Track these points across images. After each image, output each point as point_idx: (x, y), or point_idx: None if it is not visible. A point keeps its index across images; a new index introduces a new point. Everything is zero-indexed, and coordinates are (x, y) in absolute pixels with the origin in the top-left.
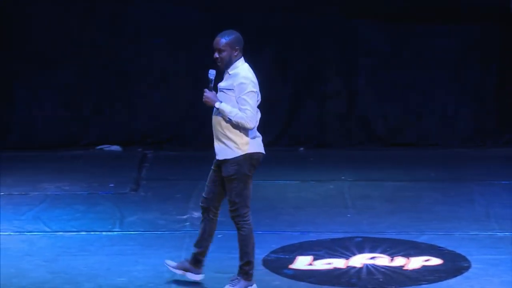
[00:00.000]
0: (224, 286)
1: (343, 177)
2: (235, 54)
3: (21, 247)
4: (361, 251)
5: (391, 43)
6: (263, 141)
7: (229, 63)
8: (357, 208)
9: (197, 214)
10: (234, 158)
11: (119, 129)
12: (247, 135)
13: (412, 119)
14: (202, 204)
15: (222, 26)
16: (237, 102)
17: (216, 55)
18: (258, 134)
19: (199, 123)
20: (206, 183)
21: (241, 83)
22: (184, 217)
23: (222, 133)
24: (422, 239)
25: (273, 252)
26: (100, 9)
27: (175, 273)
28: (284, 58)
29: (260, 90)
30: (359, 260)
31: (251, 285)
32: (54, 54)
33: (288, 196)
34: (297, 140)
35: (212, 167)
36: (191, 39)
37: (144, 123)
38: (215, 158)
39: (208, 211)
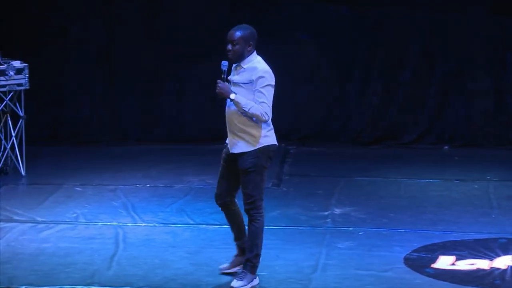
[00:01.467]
0: (231, 282)
1: (488, 177)
2: (249, 48)
3: (165, 239)
4: (505, 252)
5: None
6: (408, 138)
7: (241, 56)
8: (503, 209)
9: (338, 211)
10: (252, 151)
11: None
12: (264, 127)
13: None
14: (218, 202)
15: (368, 22)
16: (254, 95)
17: (230, 47)
18: (272, 126)
19: (343, 119)
20: (219, 179)
21: (261, 77)
22: (326, 213)
23: (238, 126)
24: None
25: (415, 250)
26: (244, 4)
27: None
28: (431, 55)
29: (407, 88)
30: (504, 261)
31: (255, 278)
32: (200, 49)
33: (431, 195)
34: (442, 139)
35: (222, 163)
36: (337, 35)
37: (288, 119)
38: (225, 152)
39: (228, 205)
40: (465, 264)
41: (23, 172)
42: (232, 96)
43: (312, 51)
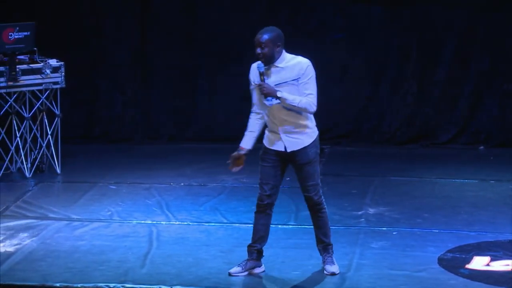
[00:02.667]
0: (325, 267)
1: None
2: (277, 49)
3: (199, 237)
4: None
5: None
6: (443, 138)
7: (272, 58)
8: None
9: (372, 211)
10: (312, 142)
11: None
12: (313, 117)
13: None
14: (265, 202)
15: (402, 21)
16: (300, 88)
17: (259, 50)
18: None
19: (377, 119)
20: (265, 181)
21: (307, 69)
22: (360, 213)
23: (294, 123)
24: None
25: (449, 251)
26: (282, 3)
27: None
28: (466, 54)
29: (441, 87)
30: None
31: None
32: (234, 49)
33: (466, 195)
34: (477, 139)
35: (266, 164)
36: (371, 34)
37: (322, 118)
38: (271, 153)
39: (271, 206)
40: (500, 265)
41: (58, 170)
42: (279, 94)
43: (345, 50)
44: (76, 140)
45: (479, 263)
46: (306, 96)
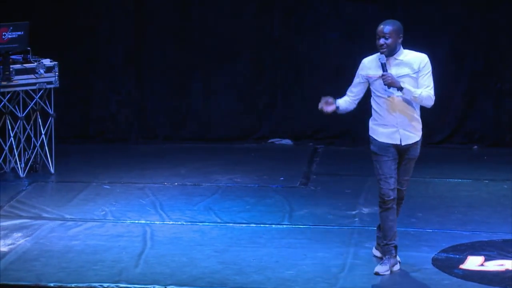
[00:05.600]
0: (394, 267)
1: None
2: (399, 41)
3: (192, 237)
4: None
5: None
6: (437, 137)
7: (394, 49)
8: None
9: (366, 210)
10: (421, 138)
11: (291, 123)
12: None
13: None
14: (392, 197)
15: (397, 20)
16: (419, 81)
17: (382, 41)
18: None
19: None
20: (389, 175)
21: (426, 63)
22: (353, 212)
23: (412, 116)
24: None
25: (443, 251)
26: (277, 2)
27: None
28: (460, 54)
29: (435, 87)
30: None
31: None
32: (230, 47)
33: (460, 195)
34: (471, 138)
35: (389, 158)
36: (365, 33)
37: (316, 118)
38: (392, 147)
39: (395, 200)
40: (494, 265)
41: (52, 170)
42: (402, 84)
43: (340, 50)
44: (71, 140)
45: (473, 263)
46: (428, 89)
